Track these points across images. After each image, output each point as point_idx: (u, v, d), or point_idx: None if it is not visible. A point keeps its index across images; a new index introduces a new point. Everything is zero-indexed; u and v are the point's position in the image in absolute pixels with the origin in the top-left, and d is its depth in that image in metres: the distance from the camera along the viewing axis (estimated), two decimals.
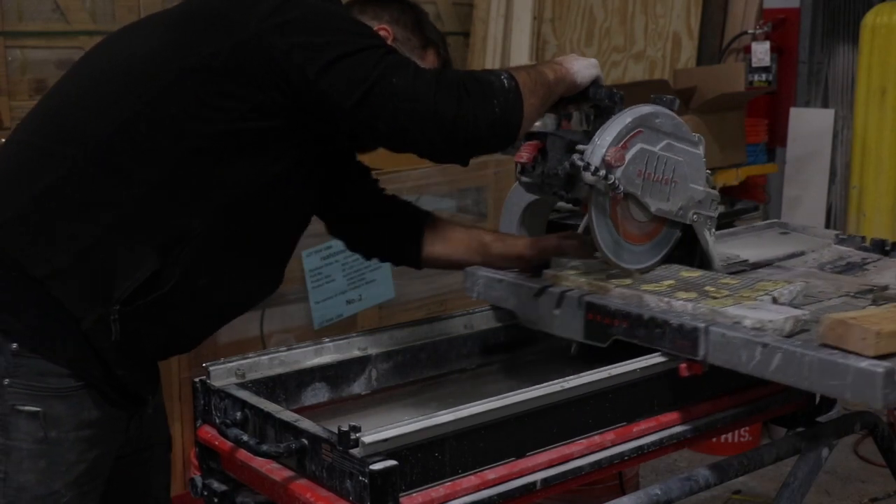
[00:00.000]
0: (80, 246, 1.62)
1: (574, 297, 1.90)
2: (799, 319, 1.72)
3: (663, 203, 1.94)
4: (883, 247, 2.36)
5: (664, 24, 4.95)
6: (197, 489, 1.73)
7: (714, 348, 1.69)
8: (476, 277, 2.12)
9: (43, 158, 1.67)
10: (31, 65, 4.50)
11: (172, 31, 1.71)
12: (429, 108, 1.60)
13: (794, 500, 1.67)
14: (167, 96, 1.63)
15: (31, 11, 4.46)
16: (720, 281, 1.93)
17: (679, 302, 1.79)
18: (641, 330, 1.78)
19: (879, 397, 1.50)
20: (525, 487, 1.57)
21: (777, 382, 1.64)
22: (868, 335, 1.56)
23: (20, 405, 1.62)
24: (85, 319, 1.62)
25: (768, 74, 4.92)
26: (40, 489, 1.65)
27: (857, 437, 3.97)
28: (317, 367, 1.86)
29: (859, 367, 1.52)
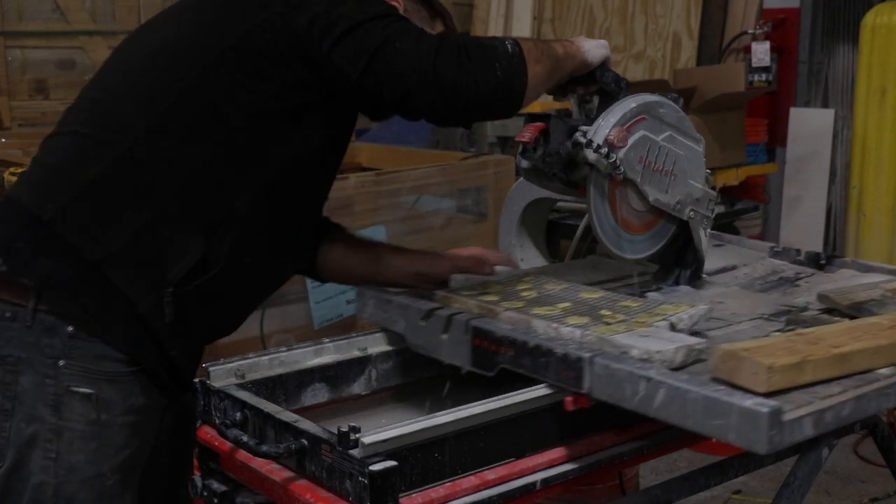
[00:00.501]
0: (133, 230, 1.66)
1: (462, 320, 1.75)
2: (693, 349, 1.57)
3: (661, 194, 1.93)
4: (818, 260, 2.25)
5: (664, 24, 4.96)
6: (197, 489, 1.73)
7: (598, 381, 1.53)
8: (367, 297, 1.97)
9: (94, 147, 1.71)
10: (31, 65, 4.50)
11: (203, 15, 1.76)
12: (429, 70, 1.61)
13: (794, 500, 1.66)
14: (204, 80, 1.68)
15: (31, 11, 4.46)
16: (619, 304, 1.79)
17: (567, 328, 1.65)
18: (527, 358, 1.63)
19: (764, 441, 1.34)
20: (525, 487, 1.57)
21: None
22: (759, 369, 1.41)
23: (75, 386, 1.64)
24: (141, 303, 1.65)
25: (768, 74, 4.93)
26: (89, 470, 1.67)
27: (857, 437, 3.96)
28: (317, 367, 1.86)
29: (743, 406, 1.36)
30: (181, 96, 1.68)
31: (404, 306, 1.88)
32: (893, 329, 1.65)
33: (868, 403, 1.51)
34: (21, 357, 1.64)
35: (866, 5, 4.52)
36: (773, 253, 2.34)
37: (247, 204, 1.69)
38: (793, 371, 1.47)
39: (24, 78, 4.45)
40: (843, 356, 1.54)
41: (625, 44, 5.07)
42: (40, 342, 1.64)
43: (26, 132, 4.33)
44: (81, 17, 4.66)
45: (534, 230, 2.63)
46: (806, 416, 1.41)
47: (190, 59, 1.70)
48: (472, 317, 1.77)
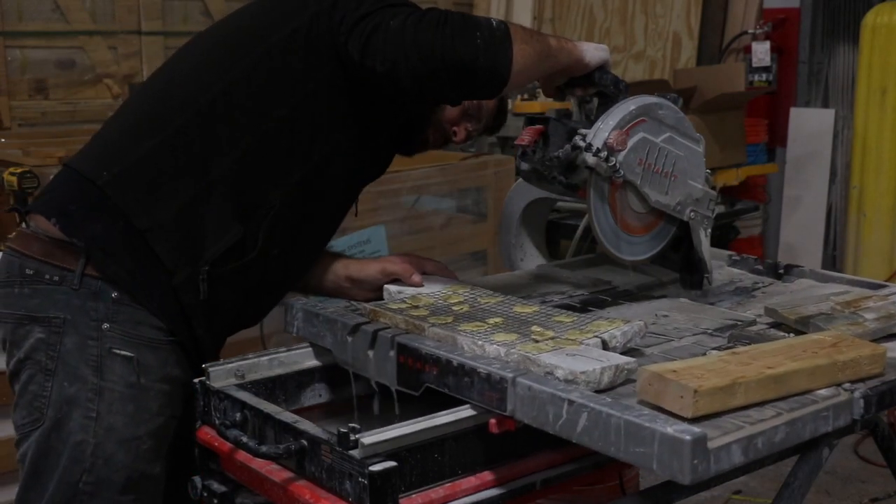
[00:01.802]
0: (180, 204, 1.73)
1: (387, 336, 1.66)
2: (621, 369, 1.48)
3: (662, 196, 1.93)
4: (776, 270, 2.20)
5: (664, 24, 4.96)
6: (196, 490, 1.73)
7: (521, 403, 1.44)
8: (295, 310, 1.88)
9: (152, 122, 1.80)
10: (31, 65, 4.50)
11: (259, 14, 1.87)
12: (410, 42, 1.65)
13: (794, 500, 1.66)
14: (255, 70, 1.77)
15: (31, 11, 4.47)
16: (553, 319, 1.70)
17: (493, 346, 1.56)
18: (451, 378, 1.54)
19: (687, 470, 1.25)
20: (525, 487, 1.57)
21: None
22: (685, 393, 1.33)
23: (116, 349, 1.71)
24: (177, 274, 1.72)
25: (768, 74, 4.93)
26: (126, 432, 1.73)
27: (857, 437, 3.97)
28: (316, 367, 1.86)
29: (665, 433, 1.27)
30: (231, 87, 1.77)
31: (331, 321, 1.79)
32: (834, 348, 1.55)
33: (803, 427, 1.42)
34: (66, 319, 1.71)
35: (866, 5, 4.53)
36: (732, 262, 2.30)
37: (280, 197, 1.77)
38: (722, 394, 1.37)
39: (24, 78, 4.45)
40: (777, 377, 1.44)
41: (625, 44, 5.07)
42: (86, 305, 1.71)
43: (26, 132, 4.33)
44: (81, 17, 4.66)
45: (534, 230, 2.63)
46: (734, 442, 1.32)
47: (245, 50, 1.79)
48: (398, 332, 1.68)
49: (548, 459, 1.59)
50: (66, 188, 1.80)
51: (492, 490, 1.53)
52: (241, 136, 1.76)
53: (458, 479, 1.51)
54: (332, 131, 1.80)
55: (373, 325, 1.73)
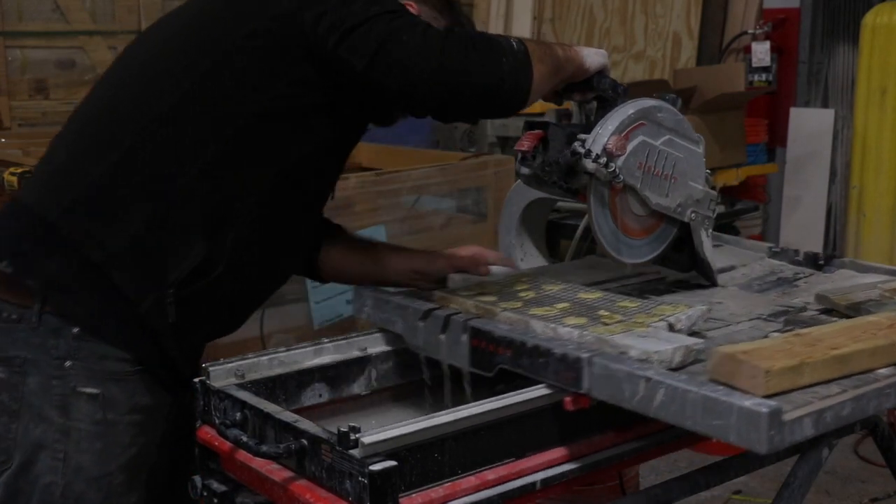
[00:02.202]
0: (134, 230, 1.66)
1: (459, 321, 1.75)
2: (691, 350, 1.58)
3: (662, 198, 1.93)
4: (816, 261, 2.24)
5: (664, 24, 4.96)
6: (196, 489, 1.73)
7: (597, 381, 1.53)
8: (364, 297, 1.96)
9: (98, 145, 1.71)
10: (31, 65, 4.50)
11: (211, 14, 1.76)
12: (436, 61, 1.61)
13: (794, 500, 1.66)
14: (209, 79, 1.68)
15: (31, 11, 4.47)
16: (618, 304, 1.79)
17: (566, 329, 1.65)
18: (525, 359, 1.63)
19: (764, 441, 1.35)
20: (525, 487, 1.57)
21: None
22: (757, 373, 1.42)
23: (81, 387, 1.66)
24: (143, 303, 1.66)
25: (768, 74, 4.93)
26: (96, 470, 1.68)
27: (857, 437, 3.96)
28: (316, 367, 1.86)
29: (743, 406, 1.37)
30: (188, 94, 1.68)
31: (402, 307, 1.88)
32: (891, 329, 1.64)
33: (867, 403, 1.51)
34: (27, 358, 1.65)
35: (866, 5, 4.52)
36: (772, 253, 2.34)
37: (248, 205, 1.69)
38: (791, 374, 1.47)
39: (24, 78, 4.45)
40: (841, 357, 1.54)
41: (625, 44, 5.07)
42: (46, 343, 1.65)
43: (26, 132, 4.33)
44: (81, 17, 4.66)
45: (534, 230, 2.63)
46: (805, 416, 1.41)
47: (197, 56, 1.70)
48: (469, 317, 1.77)
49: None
50: (17, 225, 1.73)
51: (492, 490, 1.54)
52: (200, 149, 1.67)
53: (459, 478, 1.52)
54: (302, 133, 1.72)
55: (444, 311, 1.81)
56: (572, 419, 1.65)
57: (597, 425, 1.69)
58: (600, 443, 1.68)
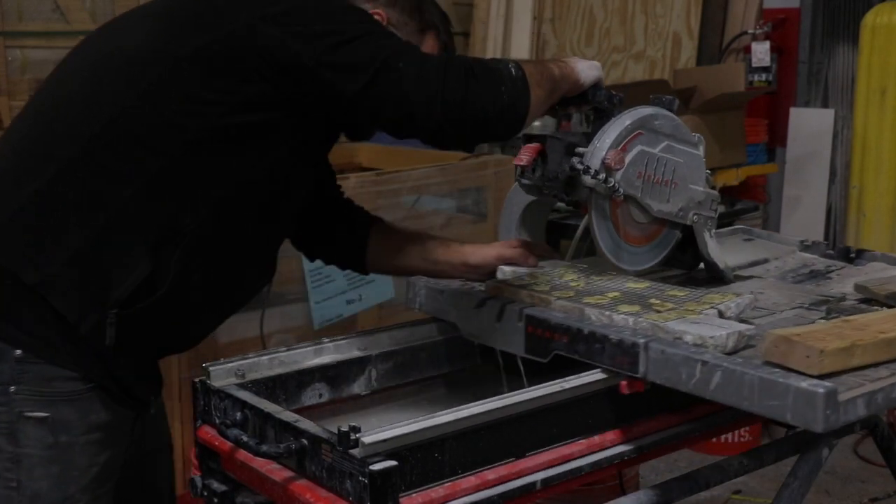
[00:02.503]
0: (71, 251, 1.59)
1: (515, 309, 1.83)
2: (743, 335, 1.65)
3: (664, 205, 1.94)
4: (847, 254, 2.30)
5: (664, 24, 4.95)
6: (197, 489, 1.73)
7: (654, 365, 1.61)
8: (418, 288, 2.04)
9: (32, 162, 1.64)
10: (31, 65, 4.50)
11: (161, 23, 1.69)
12: (437, 92, 1.58)
13: (794, 500, 1.67)
14: (156, 92, 1.61)
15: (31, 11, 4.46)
16: (667, 293, 1.87)
17: (620, 316, 1.73)
18: (581, 345, 1.71)
19: (820, 420, 1.42)
20: (525, 487, 1.57)
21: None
22: (812, 353, 1.48)
23: (28, 412, 1.60)
24: (82, 325, 1.60)
25: (768, 74, 4.92)
26: (55, 495, 1.64)
27: (857, 437, 3.96)
28: (317, 367, 1.86)
29: (800, 387, 1.44)
30: (130, 107, 1.61)
31: (457, 296, 1.96)
32: None
33: None
34: None
35: (866, 5, 4.52)
36: (803, 247, 2.40)
37: (197, 220, 1.62)
38: (843, 355, 1.53)
39: (24, 78, 4.44)
40: (890, 341, 1.60)
41: (625, 44, 5.06)
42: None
43: None
44: (81, 17, 4.65)
45: (534, 230, 2.63)
46: (858, 397, 1.48)
47: (144, 67, 1.62)
48: (524, 305, 1.84)
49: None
50: None
51: (492, 490, 1.54)
52: (142, 165, 1.60)
53: (459, 478, 1.52)
54: (256, 150, 1.65)
55: (498, 300, 1.88)
56: (573, 418, 1.65)
57: (597, 425, 1.69)
58: (600, 442, 1.68)
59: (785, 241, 2.48)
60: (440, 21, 1.93)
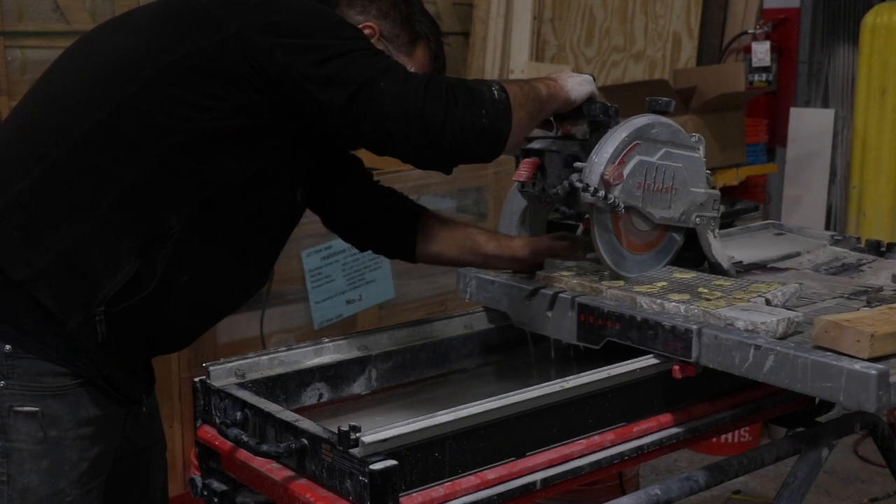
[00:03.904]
0: (60, 248, 1.60)
1: (567, 298, 1.88)
2: (792, 321, 1.70)
3: (665, 211, 1.94)
4: (878, 248, 2.35)
5: (664, 24, 4.95)
6: (197, 489, 1.73)
7: (707, 350, 1.67)
8: (468, 279, 2.11)
9: (23, 160, 1.66)
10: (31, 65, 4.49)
11: (154, 27, 1.69)
12: (416, 113, 1.58)
13: (794, 500, 1.67)
14: (146, 94, 1.62)
15: (31, 11, 4.46)
16: (713, 283, 1.91)
17: (672, 304, 1.78)
18: (634, 332, 1.76)
19: (873, 400, 1.48)
20: (525, 487, 1.57)
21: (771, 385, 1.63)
22: (862, 337, 1.54)
23: (17, 406, 1.62)
24: (69, 323, 1.61)
25: (768, 74, 4.92)
26: (45, 489, 1.64)
27: (857, 437, 3.97)
28: (317, 367, 1.86)
29: (853, 369, 1.50)
30: (119, 108, 1.62)
31: (508, 286, 2.01)
32: None
33: None
34: None
35: (866, 5, 4.52)
36: (834, 241, 2.45)
37: (184, 220, 1.63)
38: (892, 339, 1.58)
39: (24, 78, 4.43)
40: None
41: (625, 44, 5.06)
42: None
43: None
44: (81, 17, 4.65)
45: (534, 230, 2.62)
46: None
47: (134, 70, 1.63)
48: (576, 294, 1.89)
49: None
50: None
51: (492, 489, 1.54)
52: (129, 165, 1.61)
53: (459, 477, 1.52)
54: (241, 153, 1.66)
55: (550, 289, 1.93)
56: (573, 418, 1.65)
57: (597, 425, 1.69)
58: (599, 442, 1.68)
59: (815, 236, 2.52)
60: (431, 31, 1.93)
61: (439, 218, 2.07)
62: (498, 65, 5.15)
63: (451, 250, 2.03)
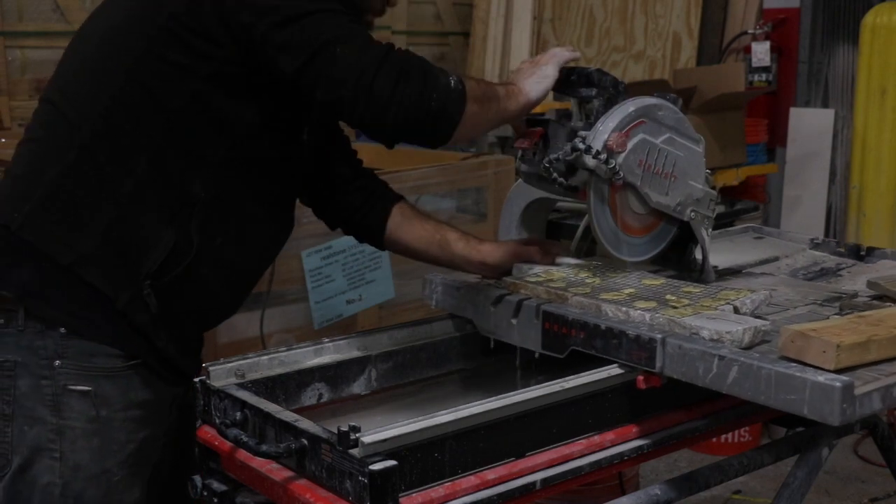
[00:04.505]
0: (100, 228, 1.66)
1: (531, 306, 1.83)
2: (759, 330, 1.66)
3: (662, 196, 1.94)
4: (858, 252, 2.31)
5: (664, 24, 4.96)
6: (197, 489, 1.73)
7: (671, 360, 1.62)
8: (434, 285, 2.06)
9: (50, 149, 1.71)
10: (31, 65, 4.50)
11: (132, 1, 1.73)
12: (365, 84, 1.59)
13: (794, 500, 1.67)
14: (142, 64, 1.66)
15: (31, 11, 4.46)
16: (682, 289, 1.87)
17: (637, 312, 1.73)
18: (598, 341, 1.71)
19: (836, 413, 1.43)
20: (525, 487, 1.57)
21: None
22: (828, 348, 1.49)
23: (71, 385, 1.66)
24: (119, 299, 1.67)
25: (768, 74, 4.92)
26: (94, 468, 1.69)
27: (857, 437, 3.97)
28: (316, 367, 1.86)
29: (816, 381, 1.45)
30: (124, 85, 1.67)
31: (473, 292, 1.96)
32: None
33: None
34: (17, 361, 1.66)
35: (866, 5, 4.52)
36: (814, 245, 2.41)
37: (206, 186, 1.69)
38: (859, 350, 1.54)
39: (24, 78, 4.44)
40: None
41: (625, 44, 5.06)
42: (34, 344, 1.66)
43: None
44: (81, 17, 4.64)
45: (534, 230, 2.62)
46: (874, 391, 1.48)
47: (126, 45, 1.68)
48: (541, 302, 1.84)
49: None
50: None
51: (492, 489, 1.54)
52: (143, 140, 1.67)
53: (459, 478, 1.52)
54: (242, 109, 1.70)
55: (515, 296, 1.88)
56: (573, 418, 1.65)
57: (598, 424, 1.69)
58: (599, 442, 1.68)
59: (795, 239, 2.49)
60: None
61: (415, 209, 2.07)
62: (498, 65, 5.15)
63: (420, 242, 2.01)
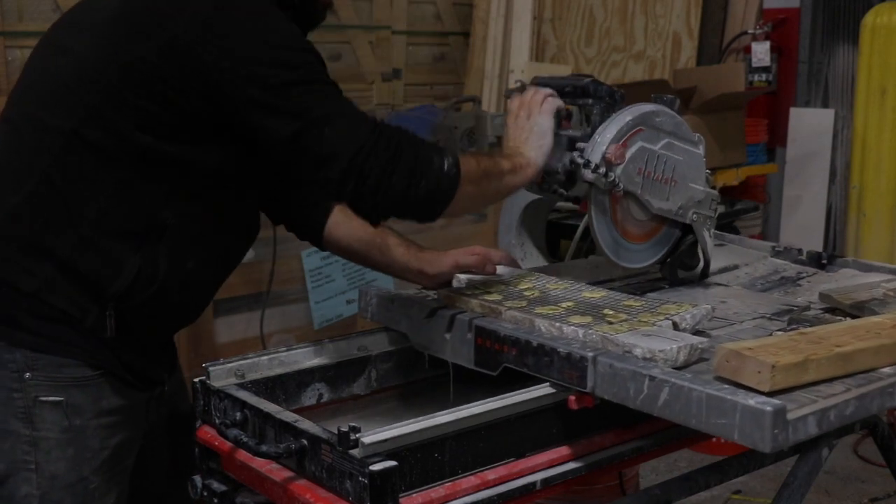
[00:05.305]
0: (62, 256, 1.63)
1: (465, 320, 1.77)
2: (695, 348, 1.58)
3: (663, 202, 1.94)
4: (819, 260, 2.26)
5: (664, 24, 4.95)
6: (196, 489, 1.73)
7: (602, 380, 1.53)
8: (369, 297, 1.99)
9: (10, 175, 1.68)
10: None
11: (108, 28, 1.67)
12: (354, 169, 1.57)
13: (794, 500, 1.66)
14: (108, 99, 1.62)
15: (31, 11, 4.45)
16: (622, 303, 1.79)
17: (570, 327, 1.65)
18: (530, 358, 1.64)
19: (768, 439, 1.34)
20: (525, 487, 1.57)
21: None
22: (763, 368, 1.41)
23: (43, 396, 1.66)
24: (86, 319, 1.65)
25: (768, 74, 4.92)
26: (71, 476, 1.68)
27: (857, 437, 3.96)
28: (316, 367, 1.86)
29: (747, 404, 1.36)
30: (88, 117, 1.62)
31: (407, 305, 1.89)
32: (895, 328, 1.64)
33: (871, 402, 1.52)
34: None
35: (866, 5, 4.52)
36: (775, 252, 2.36)
37: (175, 213, 1.65)
38: (796, 370, 1.46)
39: None
40: (845, 355, 1.54)
41: (625, 44, 5.06)
42: (3, 358, 1.65)
43: None
44: None
45: (534, 230, 2.63)
46: (809, 414, 1.42)
47: (92, 79, 1.63)
48: (474, 316, 1.78)
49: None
50: None
51: (492, 490, 1.54)
52: (108, 170, 1.62)
53: (459, 478, 1.52)
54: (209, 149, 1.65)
55: (449, 310, 1.82)
56: (574, 418, 1.65)
57: (599, 424, 1.69)
58: (601, 442, 1.68)
59: (756, 247, 2.42)
60: None
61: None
62: (498, 65, 5.15)
63: (359, 244, 1.97)
